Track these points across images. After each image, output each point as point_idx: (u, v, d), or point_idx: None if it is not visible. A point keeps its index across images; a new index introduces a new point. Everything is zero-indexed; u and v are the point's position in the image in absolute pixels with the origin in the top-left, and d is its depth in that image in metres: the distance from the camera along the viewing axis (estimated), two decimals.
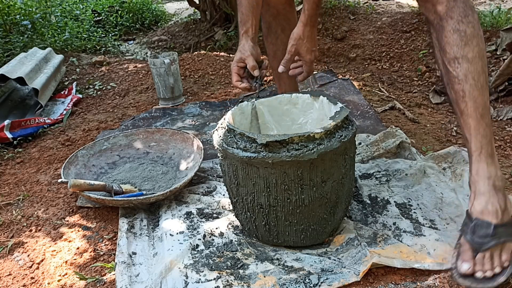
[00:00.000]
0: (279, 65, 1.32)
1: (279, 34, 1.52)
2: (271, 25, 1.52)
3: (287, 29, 1.47)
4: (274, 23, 1.51)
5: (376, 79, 2.54)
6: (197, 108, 2.09)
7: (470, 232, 0.97)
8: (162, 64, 2.06)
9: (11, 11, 3.50)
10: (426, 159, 1.44)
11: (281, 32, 1.52)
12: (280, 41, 1.52)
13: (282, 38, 1.51)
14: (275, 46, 1.55)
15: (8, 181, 1.57)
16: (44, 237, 1.24)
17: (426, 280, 1.00)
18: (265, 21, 1.53)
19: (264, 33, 1.57)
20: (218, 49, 3.41)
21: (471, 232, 0.97)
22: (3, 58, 2.81)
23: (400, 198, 1.29)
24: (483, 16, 3.03)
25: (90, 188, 1.31)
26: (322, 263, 1.05)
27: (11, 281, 1.09)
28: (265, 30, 1.55)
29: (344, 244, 1.11)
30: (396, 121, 1.85)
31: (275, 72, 1.64)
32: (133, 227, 1.25)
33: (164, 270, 1.05)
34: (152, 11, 4.69)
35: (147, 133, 1.65)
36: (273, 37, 1.54)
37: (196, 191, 1.41)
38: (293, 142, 0.96)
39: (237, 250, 1.12)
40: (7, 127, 1.82)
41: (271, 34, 1.53)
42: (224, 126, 1.08)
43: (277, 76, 1.66)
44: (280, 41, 1.52)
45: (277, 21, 1.51)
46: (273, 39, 1.54)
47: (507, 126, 1.88)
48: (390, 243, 1.09)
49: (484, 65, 0.97)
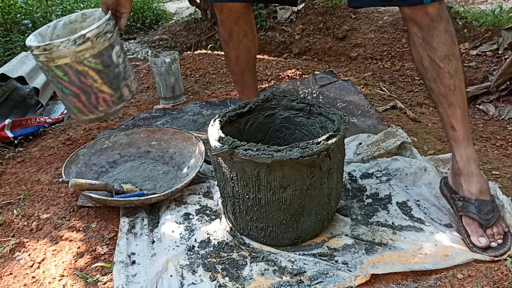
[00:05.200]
0: (242, 70, 1.49)
1: (242, 39, 1.52)
2: (233, 30, 1.50)
3: (249, 32, 1.52)
4: (236, 28, 1.50)
5: (377, 78, 2.54)
6: (198, 108, 2.09)
7: (477, 211, 1.09)
8: (163, 63, 2.05)
9: (11, 10, 3.50)
10: (427, 161, 1.44)
11: (244, 37, 1.52)
12: (243, 46, 1.53)
13: (245, 42, 1.52)
14: (238, 51, 1.55)
15: (8, 181, 1.57)
16: (45, 237, 1.24)
17: (427, 279, 1.00)
18: (226, 28, 1.51)
19: (225, 40, 1.55)
20: (219, 48, 3.40)
21: (477, 212, 1.09)
22: (3, 57, 2.81)
23: (400, 197, 1.28)
24: (485, 15, 3.02)
25: (91, 187, 1.31)
26: (317, 265, 1.05)
27: (12, 280, 1.09)
28: (226, 36, 1.53)
29: (340, 249, 1.11)
30: (398, 120, 1.85)
31: (237, 77, 1.63)
32: (134, 227, 1.25)
33: (160, 270, 1.06)
34: (153, 10, 4.68)
35: (148, 132, 1.65)
36: (236, 42, 1.53)
37: (196, 191, 1.41)
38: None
39: (233, 251, 1.13)
40: (8, 126, 1.81)
41: (233, 39, 1.52)
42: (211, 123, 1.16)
43: (240, 81, 1.64)
44: (243, 45, 1.53)
45: (239, 26, 1.50)
46: (235, 44, 1.53)
47: (509, 125, 1.88)
48: (389, 248, 1.09)
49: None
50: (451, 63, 1.08)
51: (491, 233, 1.08)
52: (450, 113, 1.11)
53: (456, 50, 1.09)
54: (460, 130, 1.11)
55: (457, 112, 1.11)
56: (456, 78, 1.09)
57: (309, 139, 1.26)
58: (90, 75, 1.39)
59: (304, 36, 3.29)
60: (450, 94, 1.10)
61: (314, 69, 2.44)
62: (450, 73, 1.09)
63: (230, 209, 1.13)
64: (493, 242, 1.07)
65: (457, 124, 1.11)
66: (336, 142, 1.02)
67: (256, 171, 1.00)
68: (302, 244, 1.14)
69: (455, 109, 1.11)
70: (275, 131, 1.33)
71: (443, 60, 1.08)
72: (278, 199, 1.03)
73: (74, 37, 1.32)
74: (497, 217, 1.10)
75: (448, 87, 1.10)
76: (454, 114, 1.11)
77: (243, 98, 1.68)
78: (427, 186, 1.31)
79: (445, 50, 1.07)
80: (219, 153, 1.00)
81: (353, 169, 1.46)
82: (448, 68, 1.08)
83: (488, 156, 1.58)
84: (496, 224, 1.09)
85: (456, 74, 1.09)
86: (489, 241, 1.07)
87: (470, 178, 1.12)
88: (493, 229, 1.08)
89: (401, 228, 1.17)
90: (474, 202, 1.10)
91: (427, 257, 1.05)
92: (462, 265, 1.03)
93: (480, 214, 1.08)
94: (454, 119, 1.11)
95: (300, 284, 1.00)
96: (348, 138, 1.65)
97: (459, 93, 1.10)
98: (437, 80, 1.10)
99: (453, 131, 1.13)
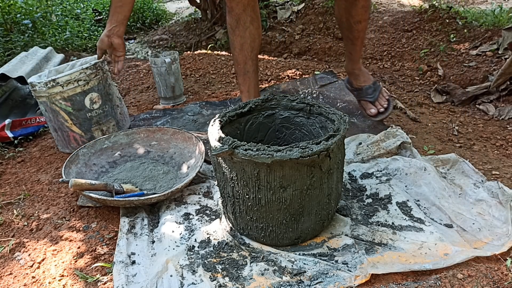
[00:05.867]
0: (245, 59, 1.63)
1: (248, 26, 1.59)
2: (241, 17, 1.57)
3: (255, 20, 1.60)
4: (243, 15, 1.57)
5: (377, 78, 2.54)
6: (198, 108, 2.09)
7: (365, 95, 1.75)
8: (163, 63, 2.06)
9: (11, 10, 3.50)
10: (427, 161, 1.44)
11: (250, 24, 1.59)
12: (249, 33, 1.60)
13: (251, 29, 1.59)
14: (243, 39, 1.61)
15: (8, 181, 1.57)
16: (45, 237, 1.24)
17: (427, 279, 1.00)
18: (234, 14, 1.57)
19: (232, 26, 1.60)
20: (219, 48, 3.41)
21: (365, 95, 1.75)
22: (3, 57, 2.82)
23: (400, 197, 1.29)
24: (485, 15, 3.02)
25: (91, 187, 1.31)
26: (317, 265, 1.05)
27: (12, 280, 1.09)
28: (234, 23, 1.59)
29: (340, 249, 1.11)
30: (398, 120, 1.85)
31: (240, 67, 1.67)
32: (134, 227, 1.25)
33: (160, 270, 1.06)
34: (153, 10, 4.68)
35: (148, 132, 1.65)
36: (242, 29, 1.59)
37: (196, 191, 1.41)
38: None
39: (233, 251, 1.13)
40: (8, 126, 1.81)
41: (240, 26, 1.59)
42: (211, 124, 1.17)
43: (242, 71, 1.68)
44: (249, 33, 1.60)
45: (247, 13, 1.57)
46: (241, 32, 1.59)
47: (509, 125, 1.88)
48: (388, 248, 1.09)
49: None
50: (360, 25, 1.64)
51: (378, 104, 1.71)
52: (352, 48, 1.74)
53: (365, 17, 1.63)
54: (357, 56, 1.76)
55: (356, 49, 1.74)
56: (361, 32, 1.67)
57: (309, 139, 1.26)
58: (61, 115, 1.62)
59: (304, 36, 3.29)
60: (355, 39, 1.70)
61: (314, 69, 2.44)
62: (358, 30, 1.66)
63: (230, 209, 1.13)
64: (381, 109, 1.71)
65: (355, 54, 1.75)
66: (336, 142, 1.02)
67: (256, 171, 1.00)
68: (302, 244, 1.14)
69: (355, 46, 1.73)
70: (275, 131, 1.33)
71: (356, 23, 1.63)
72: (278, 199, 1.03)
73: (46, 80, 1.56)
74: (378, 93, 1.72)
75: (355, 36, 1.68)
76: (355, 48, 1.73)
77: (243, 90, 1.70)
78: (427, 186, 1.31)
79: (358, 17, 1.60)
80: (219, 153, 1.00)
81: (353, 169, 1.46)
82: (357, 27, 1.64)
83: (488, 156, 1.58)
84: (379, 98, 1.72)
85: (362, 30, 1.66)
86: (377, 110, 1.71)
87: (358, 76, 1.78)
88: (378, 101, 1.72)
89: (401, 228, 1.17)
90: (361, 89, 1.76)
91: (427, 257, 1.05)
92: (462, 265, 1.03)
93: (368, 95, 1.73)
94: (354, 51, 1.74)
95: (300, 284, 1.00)
96: (348, 138, 1.65)
97: (360, 39, 1.70)
98: (349, 30, 1.68)
99: (353, 56, 1.76)
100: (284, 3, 3.77)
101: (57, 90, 1.57)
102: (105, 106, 1.69)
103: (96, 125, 1.68)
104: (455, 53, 2.64)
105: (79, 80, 1.59)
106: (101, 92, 1.67)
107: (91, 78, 1.63)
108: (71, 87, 1.58)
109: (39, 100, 1.62)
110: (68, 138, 1.67)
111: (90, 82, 1.63)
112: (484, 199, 1.24)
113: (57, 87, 1.57)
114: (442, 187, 1.30)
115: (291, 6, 3.68)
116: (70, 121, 1.63)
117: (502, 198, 1.20)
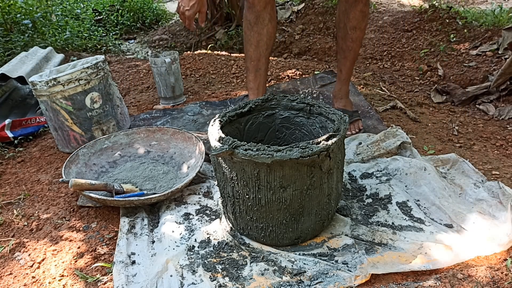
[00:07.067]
0: (259, 56, 1.64)
1: (267, 24, 1.61)
2: (260, 14, 1.58)
3: (273, 18, 1.62)
4: (263, 13, 1.58)
5: (377, 78, 2.54)
6: (198, 108, 2.09)
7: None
8: (163, 63, 2.05)
9: (11, 10, 3.49)
10: (427, 161, 1.44)
11: (269, 22, 1.60)
12: (266, 31, 1.62)
13: (269, 28, 1.61)
14: (260, 36, 1.62)
15: (8, 181, 1.57)
16: (45, 237, 1.24)
17: (427, 279, 1.00)
18: (255, 11, 1.58)
19: (251, 23, 1.61)
20: (219, 48, 3.41)
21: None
22: (3, 57, 2.81)
23: (400, 197, 1.28)
24: (485, 15, 3.03)
25: (91, 187, 1.31)
26: (317, 265, 1.05)
27: (12, 280, 1.09)
28: (254, 19, 1.60)
29: (340, 249, 1.11)
30: (398, 120, 1.84)
31: (253, 63, 1.68)
32: (134, 227, 1.25)
33: (160, 270, 1.06)
34: (153, 10, 4.68)
35: (148, 132, 1.65)
36: (261, 26, 1.61)
37: (196, 191, 1.41)
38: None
39: (233, 251, 1.13)
40: (8, 126, 1.81)
41: (259, 23, 1.60)
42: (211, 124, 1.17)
43: (254, 68, 1.69)
44: (267, 30, 1.62)
45: (267, 10, 1.58)
46: (260, 29, 1.61)
47: (509, 125, 1.88)
48: (388, 248, 1.09)
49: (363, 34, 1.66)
50: (355, 33, 1.60)
51: (352, 127, 1.73)
52: (343, 62, 1.69)
53: (363, 25, 1.60)
54: (345, 74, 1.72)
55: (347, 64, 1.68)
56: (355, 43, 1.62)
57: (309, 139, 1.26)
58: (62, 114, 1.63)
59: (304, 36, 3.29)
60: (348, 51, 1.65)
61: (314, 69, 2.44)
62: (352, 39, 1.61)
63: (230, 209, 1.13)
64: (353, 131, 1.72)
65: (344, 70, 1.70)
66: (336, 142, 1.01)
67: (256, 171, 1.00)
68: (302, 244, 1.14)
69: (346, 61, 1.68)
70: (275, 131, 1.33)
71: (352, 29, 1.59)
72: (278, 199, 1.03)
73: (47, 79, 1.57)
74: (355, 120, 1.73)
75: (348, 46, 1.63)
76: (345, 64, 1.69)
77: (253, 87, 1.71)
78: (427, 186, 1.31)
79: (355, 22, 1.58)
80: (219, 153, 1.00)
81: (353, 169, 1.46)
82: (352, 34, 1.60)
83: (488, 156, 1.58)
84: (353, 123, 1.73)
85: (356, 40, 1.62)
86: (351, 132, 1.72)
87: (339, 99, 1.79)
88: (352, 125, 1.73)
89: (401, 228, 1.17)
90: (339, 109, 1.77)
91: (427, 257, 1.05)
92: (462, 265, 1.03)
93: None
94: (343, 66, 1.70)
95: (300, 284, 1.00)
96: (348, 138, 1.65)
97: (353, 52, 1.65)
98: (343, 39, 1.63)
99: (341, 73, 1.73)
100: (284, 3, 3.77)
101: (58, 89, 1.58)
102: (105, 106, 1.70)
103: (96, 125, 1.69)
104: (455, 53, 2.64)
105: (80, 79, 1.60)
106: (101, 91, 1.68)
107: (92, 77, 1.64)
108: (72, 86, 1.59)
109: (40, 99, 1.63)
110: (68, 138, 1.68)
111: (91, 82, 1.64)
112: (484, 199, 1.24)
113: (58, 86, 1.57)
114: (442, 187, 1.30)
115: (291, 6, 3.68)
116: (70, 120, 1.64)
117: (503, 198, 1.20)
